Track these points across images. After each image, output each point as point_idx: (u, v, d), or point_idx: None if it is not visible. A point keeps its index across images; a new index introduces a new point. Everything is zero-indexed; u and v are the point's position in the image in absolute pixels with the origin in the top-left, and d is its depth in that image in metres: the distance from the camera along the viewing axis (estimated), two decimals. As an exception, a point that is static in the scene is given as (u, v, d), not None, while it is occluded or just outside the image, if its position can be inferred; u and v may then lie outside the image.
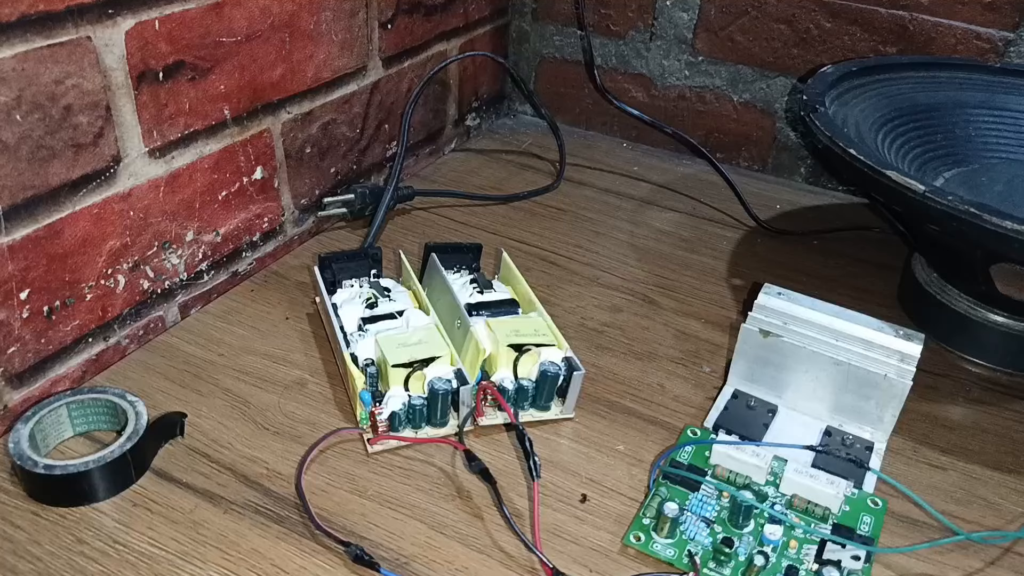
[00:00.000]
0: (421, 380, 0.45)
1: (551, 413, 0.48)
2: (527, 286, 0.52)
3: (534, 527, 0.41)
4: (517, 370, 0.47)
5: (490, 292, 0.52)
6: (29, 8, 0.41)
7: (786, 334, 0.47)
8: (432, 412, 0.45)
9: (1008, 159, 0.62)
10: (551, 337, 0.48)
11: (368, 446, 0.45)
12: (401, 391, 0.45)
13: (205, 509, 0.41)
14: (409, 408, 0.45)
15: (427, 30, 0.73)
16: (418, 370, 0.45)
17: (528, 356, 0.47)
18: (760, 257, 0.67)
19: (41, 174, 0.44)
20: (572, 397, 0.48)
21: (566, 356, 0.48)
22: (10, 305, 0.45)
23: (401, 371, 0.45)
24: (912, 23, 0.71)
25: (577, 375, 0.47)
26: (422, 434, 0.46)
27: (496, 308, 0.50)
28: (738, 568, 0.39)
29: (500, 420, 0.47)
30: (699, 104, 0.82)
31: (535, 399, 0.48)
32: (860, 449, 0.46)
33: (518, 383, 0.47)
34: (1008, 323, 0.54)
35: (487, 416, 0.47)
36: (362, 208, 0.66)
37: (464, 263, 0.55)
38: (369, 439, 0.45)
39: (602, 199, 0.74)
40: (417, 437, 0.45)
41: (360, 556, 0.38)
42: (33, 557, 0.38)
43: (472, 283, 0.53)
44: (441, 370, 0.45)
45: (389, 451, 0.45)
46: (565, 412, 0.49)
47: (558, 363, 0.47)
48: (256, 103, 0.57)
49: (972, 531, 0.42)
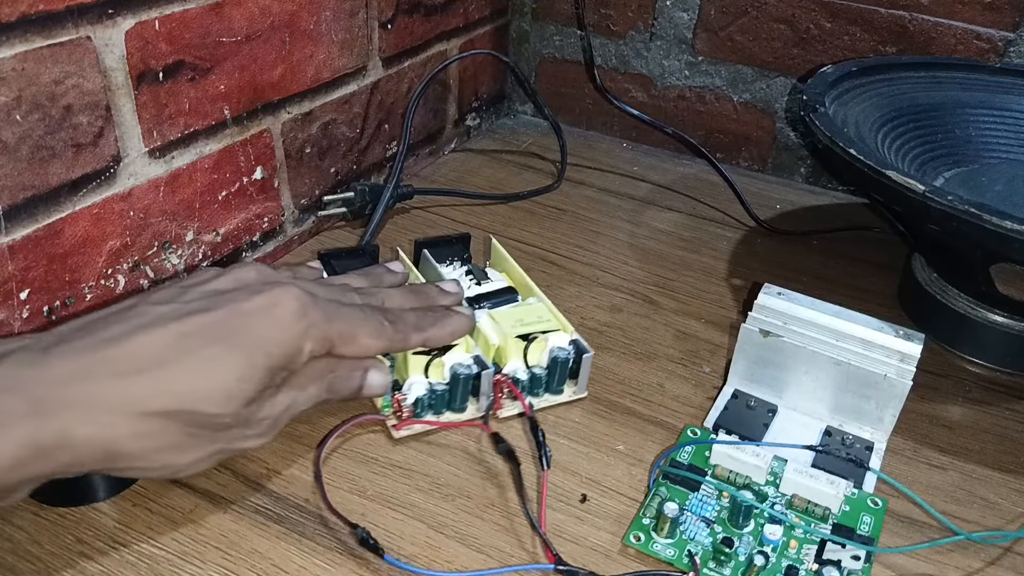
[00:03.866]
0: (440, 367, 0.46)
1: (565, 395, 0.49)
2: (521, 270, 0.53)
3: (540, 514, 0.41)
4: (528, 359, 0.48)
5: (487, 282, 0.53)
6: (29, 8, 0.41)
7: (786, 334, 0.47)
8: (453, 397, 0.46)
9: (1008, 159, 0.62)
10: (555, 322, 0.49)
11: (393, 432, 0.46)
12: (421, 378, 0.46)
13: (205, 509, 0.41)
14: (432, 394, 0.46)
15: (427, 30, 0.73)
16: (437, 357, 0.46)
17: (536, 344, 0.48)
18: (760, 257, 0.67)
19: (41, 174, 0.44)
20: (583, 377, 0.49)
21: (572, 339, 0.49)
22: (10, 305, 0.45)
23: (420, 359, 0.45)
24: (912, 23, 0.71)
25: (587, 357, 0.48)
26: (443, 420, 0.47)
27: (496, 298, 0.51)
28: (738, 568, 0.39)
29: (516, 411, 0.48)
30: (699, 104, 0.82)
31: (548, 385, 0.49)
32: (860, 449, 0.46)
33: (531, 372, 0.48)
34: (1008, 323, 0.54)
35: (504, 408, 0.48)
36: (362, 206, 0.66)
37: (455, 255, 0.56)
38: (393, 425, 0.46)
39: (602, 199, 0.74)
40: (442, 422, 0.46)
41: (365, 540, 0.39)
42: (33, 557, 0.38)
43: (467, 275, 0.53)
44: (459, 357, 0.46)
45: (389, 451, 0.45)
46: (578, 392, 0.50)
47: (566, 347, 0.48)
48: (256, 103, 0.57)
49: (972, 531, 0.42)
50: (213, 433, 0.35)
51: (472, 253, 0.58)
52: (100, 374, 0.32)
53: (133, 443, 0.32)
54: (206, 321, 0.35)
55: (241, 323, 0.35)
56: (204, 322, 0.35)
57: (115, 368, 0.32)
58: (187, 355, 0.34)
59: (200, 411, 0.33)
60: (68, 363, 0.32)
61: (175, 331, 0.34)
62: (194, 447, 0.34)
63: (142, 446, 0.33)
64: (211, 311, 0.35)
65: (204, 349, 0.34)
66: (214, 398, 0.34)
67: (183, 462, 0.34)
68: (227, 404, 0.34)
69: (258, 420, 0.36)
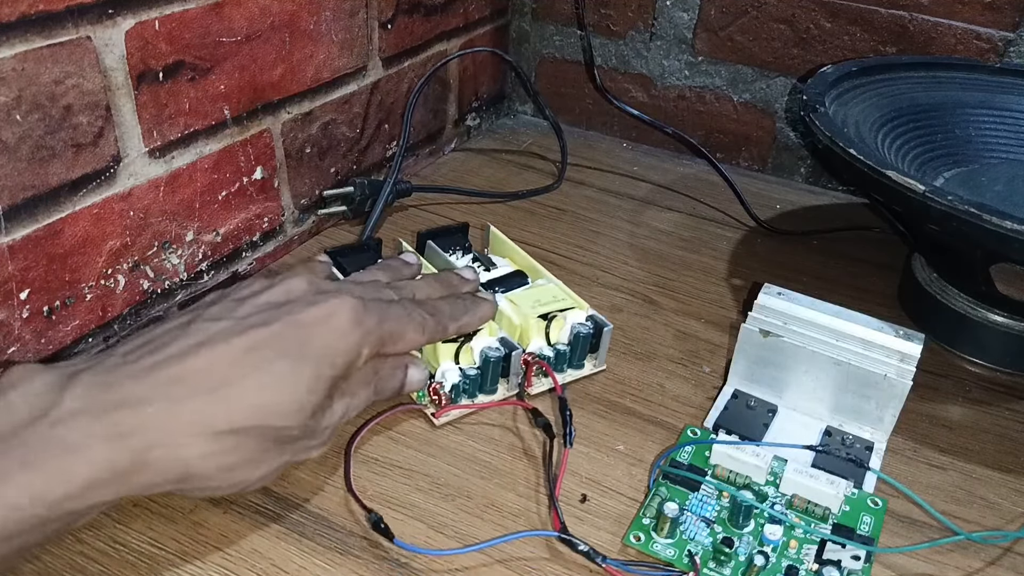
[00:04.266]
0: (469, 352, 0.47)
1: (586, 369, 0.52)
2: (524, 253, 0.55)
3: (555, 487, 0.43)
4: (549, 337, 0.50)
5: (495, 268, 0.54)
6: (29, 8, 0.41)
7: (786, 334, 0.47)
8: (485, 380, 0.48)
9: (1008, 159, 0.62)
10: (571, 300, 0.51)
11: (434, 419, 0.47)
12: (452, 365, 0.47)
13: (205, 509, 0.41)
14: (465, 379, 0.47)
15: (427, 30, 0.73)
16: (465, 343, 0.47)
17: (556, 322, 0.50)
18: (760, 257, 0.67)
19: (41, 174, 0.44)
20: (603, 351, 0.51)
21: (589, 315, 0.51)
22: (10, 305, 0.45)
23: (450, 347, 0.47)
24: (912, 23, 0.71)
25: (607, 330, 0.50)
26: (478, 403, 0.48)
27: (508, 282, 0.53)
28: (738, 568, 0.39)
29: (543, 388, 0.50)
30: (699, 104, 0.82)
31: (570, 360, 0.51)
32: (860, 449, 0.46)
33: (555, 349, 0.50)
34: (1008, 323, 0.54)
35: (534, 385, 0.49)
36: (361, 202, 0.66)
37: (456, 244, 0.57)
38: (433, 413, 0.47)
39: (602, 199, 0.74)
40: (479, 403, 0.48)
41: (378, 524, 0.39)
42: (33, 557, 0.38)
43: (475, 262, 0.55)
44: (486, 341, 0.48)
45: (389, 451, 0.45)
46: (598, 365, 0.52)
47: (585, 323, 0.51)
48: (256, 103, 0.57)
49: (972, 531, 0.42)
50: (282, 446, 0.35)
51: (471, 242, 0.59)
52: (170, 396, 0.33)
53: (207, 463, 0.33)
54: (266, 335, 0.35)
55: (302, 335, 0.36)
56: (265, 336, 0.35)
57: (184, 389, 0.33)
58: (254, 370, 0.34)
59: (272, 425, 0.34)
60: (138, 384, 0.33)
61: (238, 347, 0.34)
62: (265, 462, 0.35)
63: (216, 464, 0.33)
64: (270, 324, 0.35)
65: (271, 364, 0.34)
66: (285, 411, 0.34)
67: (253, 477, 0.35)
68: (297, 416, 0.35)
69: (322, 429, 0.37)
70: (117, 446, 0.31)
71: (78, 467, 0.30)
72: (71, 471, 0.30)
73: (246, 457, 0.34)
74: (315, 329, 0.36)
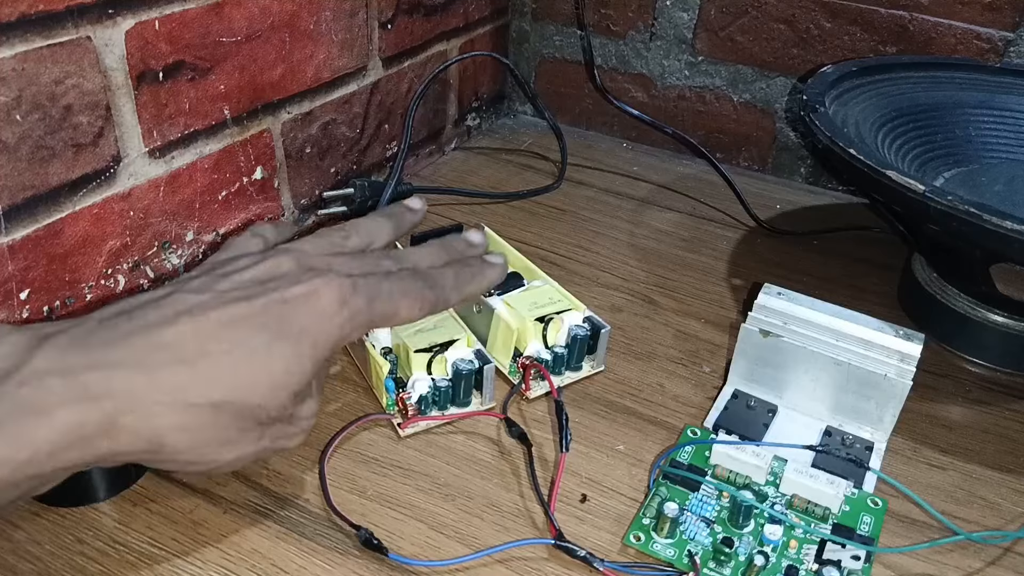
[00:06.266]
0: (443, 363, 0.46)
1: (584, 371, 0.51)
2: (518, 253, 0.55)
3: (552, 494, 0.42)
4: (547, 340, 0.50)
5: None
6: (29, 8, 0.41)
7: (786, 334, 0.47)
8: (456, 392, 0.47)
9: (1008, 159, 0.62)
10: (567, 302, 0.51)
11: (399, 430, 0.46)
12: (424, 375, 0.46)
13: (205, 509, 0.41)
14: (435, 390, 0.46)
15: (427, 30, 0.73)
16: (439, 354, 0.46)
17: (553, 324, 0.50)
18: (760, 257, 0.67)
19: (41, 174, 0.44)
20: (601, 352, 0.51)
21: (586, 316, 0.51)
22: (10, 305, 0.45)
23: (423, 356, 0.46)
24: (912, 23, 0.71)
25: (604, 332, 0.50)
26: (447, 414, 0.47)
27: (504, 284, 0.52)
28: (738, 568, 0.39)
29: (538, 392, 0.49)
30: (699, 104, 0.82)
31: (568, 362, 0.50)
32: (860, 449, 0.46)
33: (552, 352, 0.49)
34: (1008, 323, 0.54)
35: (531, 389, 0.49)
36: (362, 202, 0.65)
37: None
38: (399, 423, 0.46)
39: (602, 199, 0.74)
40: (448, 415, 0.47)
41: (369, 540, 0.39)
42: (33, 557, 0.38)
43: None
44: (461, 352, 0.47)
45: (389, 452, 0.45)
46: (596, 367, 0.52)
47: (583, 324, 0.50)
48: (256, 103, 0.57)
49: (972, 531, 0.42)
50: (259, 428, 0.34)
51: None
52: (146, 363, 0.31)
53: (178, 435, 0.32)
54: (246, 310, 0.34)
55: (283, 312, 0.34)
56: (244, 311, 0.34)
57: (160, 357, 0.32)
58: (232, 345, 0.33)
59: (247, 402, 0.33)
60: (113, 349, 0.31)
61: (217, 320, 0.33)
62: (240, 443, 0.34)
63: (188, 438, 0.32)
64: (251, 300, 0.34)
65: (249, 340, 0.33)
66: (260, 389, 0.33)
67: (225, 459, 0.34)
68: (274, 396, 0.33)
69: (301, 416, 0.36)
70: (86, 408, 0.30)
71: (43, 429, 0.29)
72: (36, 433, 0.29)
73: (220, 435, 0.33)
74: (298, 308, 0.35)
